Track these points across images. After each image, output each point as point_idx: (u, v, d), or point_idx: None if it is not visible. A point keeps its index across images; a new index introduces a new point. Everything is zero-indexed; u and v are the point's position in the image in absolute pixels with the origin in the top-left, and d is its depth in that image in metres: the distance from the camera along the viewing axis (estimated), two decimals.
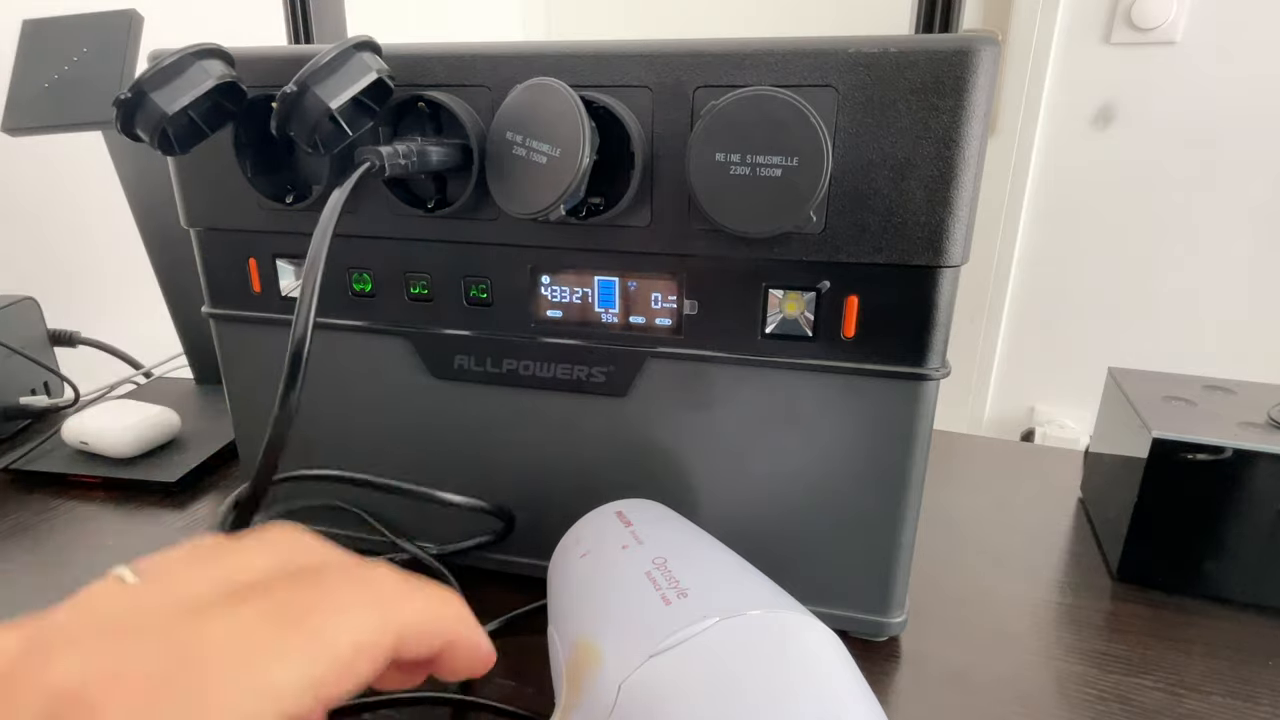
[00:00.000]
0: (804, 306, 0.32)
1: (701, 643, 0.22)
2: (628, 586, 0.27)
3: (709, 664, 0.22)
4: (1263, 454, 0.37)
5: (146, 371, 0.73)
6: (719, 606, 0.24)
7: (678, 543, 0.30)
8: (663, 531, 0.31)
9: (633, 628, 0.24)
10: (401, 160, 0.30)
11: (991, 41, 0.28)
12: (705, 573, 0.28)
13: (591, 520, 0.33)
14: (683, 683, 0.22)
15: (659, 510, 0.34)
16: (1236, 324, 1.38)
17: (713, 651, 0.22)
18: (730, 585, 0.27)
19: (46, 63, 0.56)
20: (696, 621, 0.23)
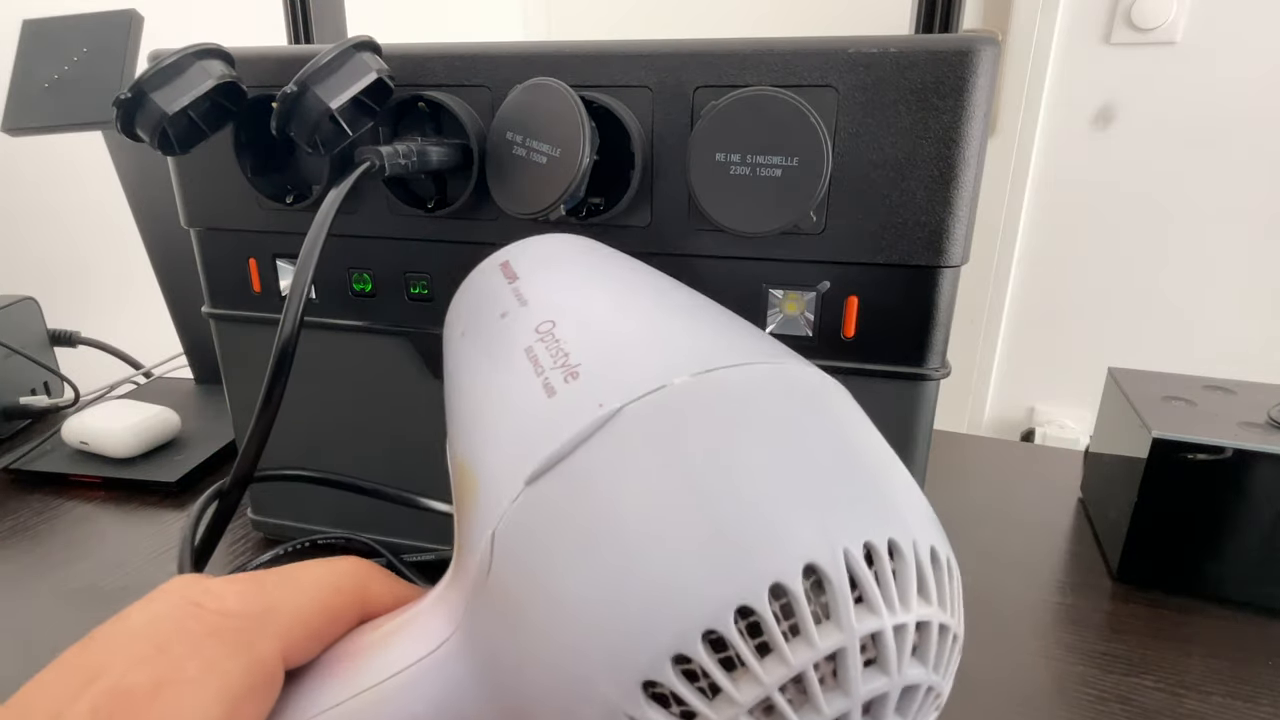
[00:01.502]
0: (804, 306, 0.32)
1: (597, 447, 0.15)
2: (502, 374, 0.19)
3: (611, 481, 0.14)
4: (1263, 454, 0.37)
5: (146, 371, 0.73)
6: (625, 382, 0.15)
7: (575, 292, 0.21)
8: (557, 279, 0.22)
9: (505, 440, 0.17)
10: (401, 160, 0.30)
11: (991, 41, 0.28)
12: (612, 332, 0.18)
13: (471, 281, 0.24)
14: (575, 518, 0.14)
15: (562, 246, 0.24)
16: (1236, 324, 1.38)
17: (615, 459, 0.15)
18: (650, 342, 0.17)
19: (46, 63, 0.56)
20: (589, 413, 0.15)
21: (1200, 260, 1.37)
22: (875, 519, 0.14)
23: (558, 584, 0.14)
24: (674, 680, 0.13)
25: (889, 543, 0.13)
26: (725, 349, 0.17)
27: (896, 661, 0.13)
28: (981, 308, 1.53)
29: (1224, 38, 1.27)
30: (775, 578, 0.13)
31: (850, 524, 0.13)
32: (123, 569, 0.42)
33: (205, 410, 0.61)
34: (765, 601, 0.13)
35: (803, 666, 0.12)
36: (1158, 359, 1.38)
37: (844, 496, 0.14)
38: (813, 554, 0.13)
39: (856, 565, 0.13)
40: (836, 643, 0.13)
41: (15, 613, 0.39)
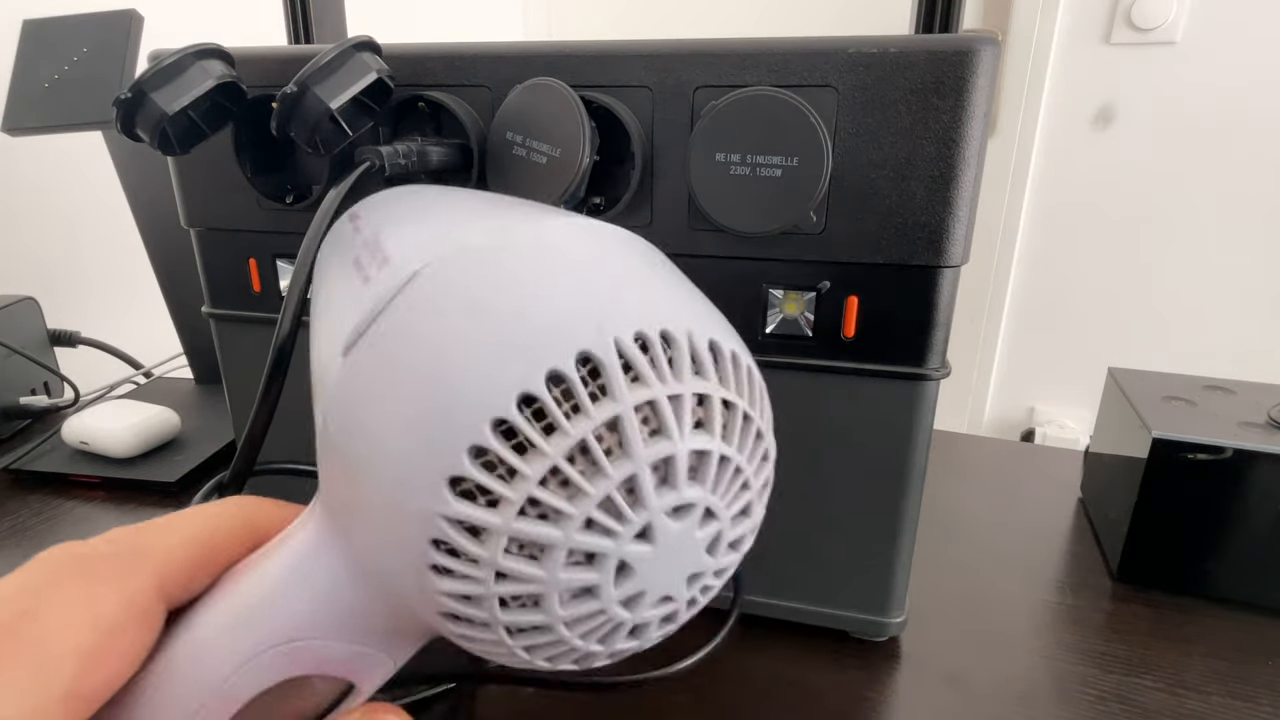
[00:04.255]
0: (804, 306, 0.32)
1: (396, 307, 0.16)
2: (334, 286, 0.20)
3: (410, 332, 0.15)
4: (1263, 454, 0.37)
5: (146, 371, 0.73)
6: (422, 254, 0.16)
7: (405, 211, 0.22)
8: (394, 207, 0.23)
9: (330, 331, 0.18)
10: (401, 160, 0.30)
11: (991, 41, 0.28)
12: (426, 228, 0.19)
13: (325, 241, 0.25)
14: (382, 367, 0.15)
15: (411, 190, 0.25)
16: (1236, 324, 1.38)
17: (412, 312, 0.16)
18: (455, 226, 0.19)
19: (46, 63, 0.56)
20: (391, 284, 0.16)
21: (1200, 260, 1.37)
22: (647, 314, 0.15)
23: (372, 425, 0.15)
24: (474, 471, 0.14)
25: (662, 332, 0.15)
26: (524, 218, 0.19)
27: (676, 426, 0.14)
28: (981, 308, 1.53)
29: (1224, 38, 1.27)
30: (551, 365, 0.14)
31: (622, 318, 0.15)
32: None
33: (205, 410, 0.61)
34: (544, 388, 0.14)
35: (583, 435, 0.14)
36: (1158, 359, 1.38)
37: (615, 300, 0.15)
38: (585, 343, 0.14)
39: (628, 349, 0.14)
40: (612, 411, 0.14)
41: None
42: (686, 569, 0.16)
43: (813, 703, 0.34)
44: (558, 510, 0.14)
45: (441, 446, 0.14)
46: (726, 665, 0.36)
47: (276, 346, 0.27)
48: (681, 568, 0.16)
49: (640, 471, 0.14)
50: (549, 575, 0.15)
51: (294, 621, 0.17)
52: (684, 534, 0.15)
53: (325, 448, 0.17)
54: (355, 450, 0.16)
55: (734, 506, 0.16)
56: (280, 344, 0.27)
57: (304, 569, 0.18)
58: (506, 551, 0.14)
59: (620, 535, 0.15)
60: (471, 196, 0.24)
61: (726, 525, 0.16)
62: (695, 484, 0.15)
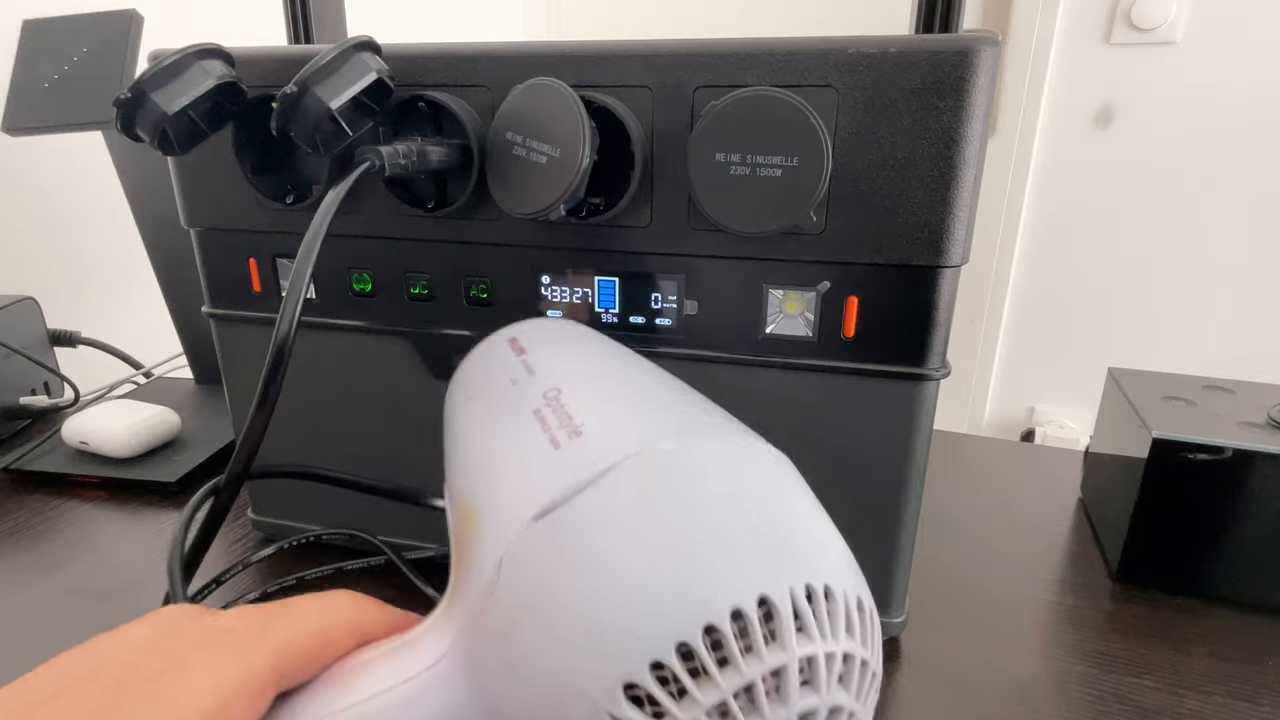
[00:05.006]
0: (804, 306, 0.32)
1: (596, 494, 0.17)
2: (510, 431, 0.21)
3: (606, 522, 0.17)
4: (1263, 454, 0.37)
5: (146, 371, 0.73)
6: (621, 443, 0.18)
7: (579, 367, 0.24)
8: (561, 355, 0.25)
9: (513, 484, 0.19)
10: (401, 160, 0.30)
11: (991, 41, 0.28)
12: (610, 401, 0.21)
13: (480, 353, 0.27)
14: (574, 550, 0.17)
15: (564, 329, 0.28)
16: (1236, 324, 1.38)
17: (611, 504, 0.17)
18: (642, 413, 0.21)
19: (46, 63, 0.56)
20: (590, 466, 0.18)
21: (1200, 260, 1.37)
22: (815, 567, 0.17)
23: (555, 603, 0.17)
24: (650, 682, 0.15)
25: (825, 587, 0.16)
26: (700, 421, 0.21)
27: (826, 683, 0.16)
28: (981, 308, 1.53)
29: (1224, 38, 1.27)
30: (735, 604, 0.15)
31: (796, 568, 0.16)
32: (123, 569, 0.42)
33: (205, 410, 0.61)
34: (727, 622, 0.15)
35: (753, 678, 0.15)
36: (1158, 359, 1.38)
37: (792, 546, 0.17)
38: (765, 588, 0.16)
39: (799, 600, 0.16)
40: (780, 660, 0.15)
41: (15, 613, 0.39)
42: None
43: None
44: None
45: (626, 651, 0.16)
46: None
47: (275, 347, 0.27)
48: None
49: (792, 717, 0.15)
50: None
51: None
52: None
53: (488, 595, 0.18)
54: (530, 618, 0.17)
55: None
56: (279, 345, 0.27)
57: (427, 690, 0.19)
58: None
59: None
60: (641, 369, 0.25)
61: None
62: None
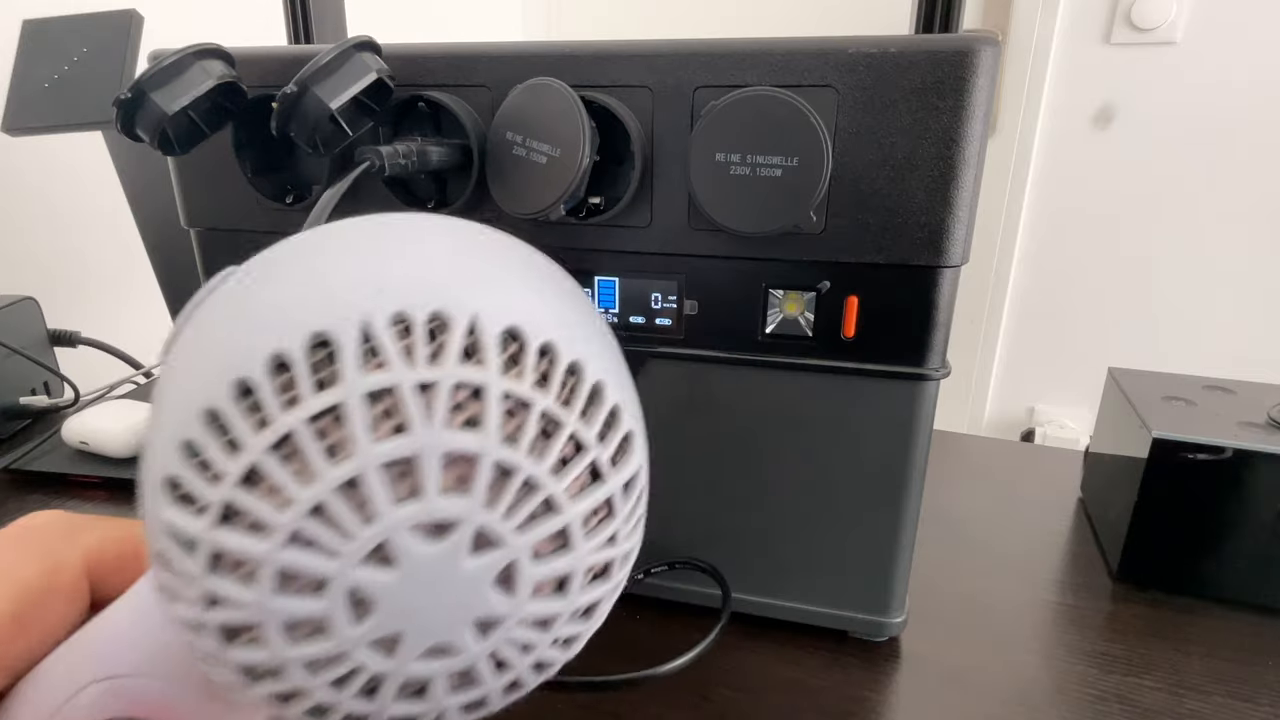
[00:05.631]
0: (804, 306, 0.32)
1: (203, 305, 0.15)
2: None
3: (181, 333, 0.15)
4: (1263, 454, 0.37)
5: (146, 371, 0.73)
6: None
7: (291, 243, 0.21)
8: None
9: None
10: (401, 160, 0.30)
11: (991, 41, 0.28)
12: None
13: None
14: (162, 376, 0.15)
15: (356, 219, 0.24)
16: (1236, 324, 1.38)
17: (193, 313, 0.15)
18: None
19: (46, 63, 0.56)
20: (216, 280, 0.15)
21: (1200, 260, 1.37)
22: (419, 293, 0.13)
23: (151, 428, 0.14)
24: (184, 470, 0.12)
25: (433, 313, 0.12)
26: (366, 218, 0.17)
27: (421, 419, 0.12)
28: (981, 308, 1.53)
29: (1224, 38, 1.26)
30: (274, 348, 0.12)
31: (379, 296, 0.12)
32: None
33: None
34: (264, 374, 0.12)
35: (291, 427, 0.12)
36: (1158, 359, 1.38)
37: (383, 275, 0.13)
38: (320, 323, 0.12)
39: (377, 331, 0.12)
40: (333, 399, 0.12)
41: None
42: (467, 611, 0.13)
43: (813, 703, 0.34)
44: (262, 519, 0.12)
45: (164, 443, 0.13)
46: (726, 665, 0.36)
47: None
48: (457, 608, 0.13)
49: (366, 472, 0.12)
50: (260, 600, 0.12)
51: (119, 656, 0.16)
52: (445, 560, 0.12)
53: None
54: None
55: (532, 532, 0.13)
56: None
57: (136, 599, 0.16)
58: (215, 568, 0.12)
59: (343, 554, 0.12)
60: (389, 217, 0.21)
61: (523, 556, 0.13)
62: (456, 495, 0.12)
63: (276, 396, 0.12)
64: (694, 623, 0.36)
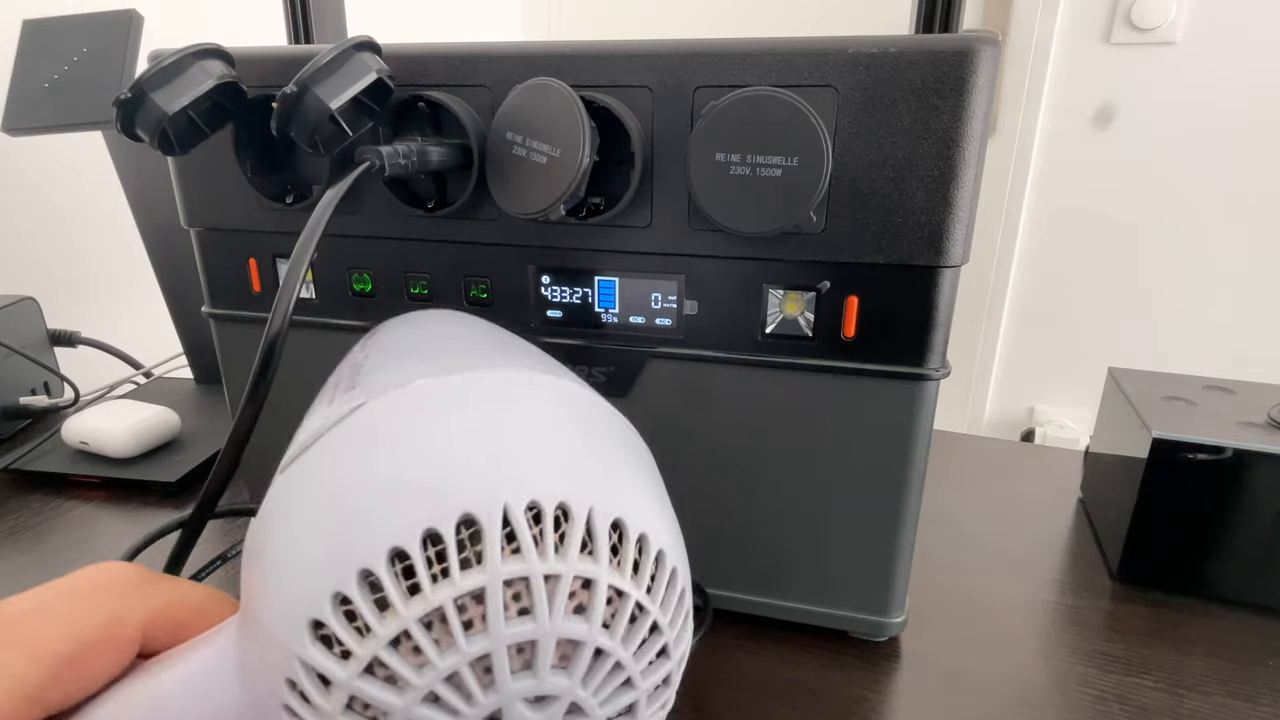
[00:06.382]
0: (804, 306, 0.32)
1: (330, 437, 0.16)
2: (312, 405, 0.20)
3: (322, 459, 0.16)
4: (1263, 454, 0.37)
5: (146, 371, 0.73)
6: (378, 388, 0.17)
7: (405, 339, 0.22)
8: (398, 333, 0.23)
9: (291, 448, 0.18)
10: (401, 160, 0.30)
11: (991, 41, 0.28)
12: (400, 356, 0.20)
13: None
14: (287, 497, 0.16)
15: (430, 315, 0.26)
16: (1236, 324, 1.38)
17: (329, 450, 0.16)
18: (421, 363, 0.19)
19: (46, 63, 0.56)
20: (340, 412, 0.17)
21: (1200, 260, 1.37)
22: (549, 483, 0.14)
23: (272, 549, 0.15)
24: (333, 619, 0.13)
25: (560, 504, 0.14)
26: (471, 360, 0.18)
27: (545, 607, 0.13)
28: (981, 308, 1.53)
29: (1224, 38, 1.26)
30: (429, 523, 0.13)
31: (519, 484, 0.14)
32: None
33: (205, 410, 0.61)
34: (416, 546, 0.13)
35: (440, 601, 0.13)
36: (1158, 359, 1.38)
37: (520, 461, 0.14)
38: (470, 504, 0.13)
39: (515, 518, 0.13)
40: (478, 581, 0.13)
41: None
42: None
43: (812, 703, 0.34)
44: (402, 677, 0.13)
45: (312, 587, 0.14)
46: (726, 665, 0.36)
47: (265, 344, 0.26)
48: None
49: (496, 650, 0.13)
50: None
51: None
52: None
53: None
54: (256, 568, 0.15)
55: (612, 704, 0.15)
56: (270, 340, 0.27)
57: (206, 675, 0.17)
58: (348, 709, 0.14)
59: (465, 715, 0.13)
60: (479, 334, 0.23)
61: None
62: (561, 673, 0.14)
63: (428, 569, 0.13)
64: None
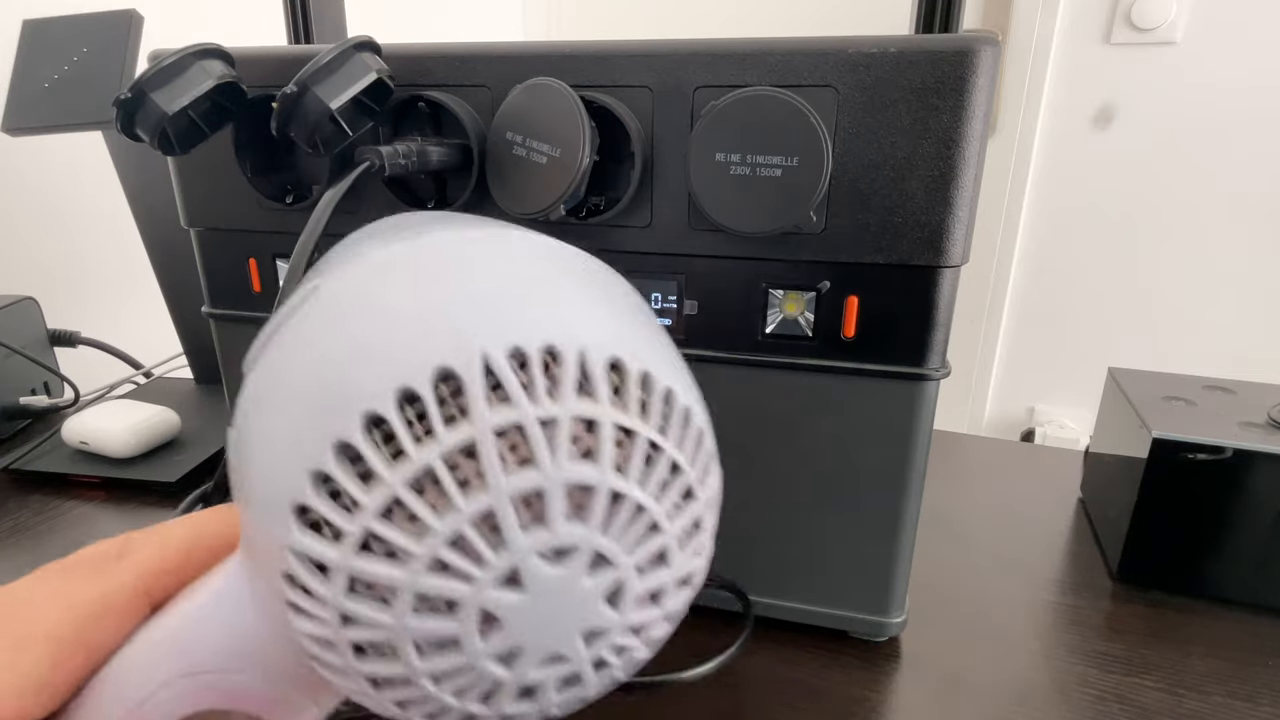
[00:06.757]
0: (804, 306, 0.32)
1: (292, 318, 0.15)
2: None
3: (283, 350, 0.15)
4: (1263, 454, 0.37)
5: (146, 371, 0.73)
6: (334, 274, 0.16)
7: (364, 236, 0.21)
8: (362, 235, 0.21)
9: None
10: (401, 160, 0.30)
11: (991, 41, 0.28)
12: (355, 244, 0.19)
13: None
14: (258, 390, 0.15)
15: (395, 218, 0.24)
16: (1236, 324, 1.38)
17: (291, 332, 0.15)
18: (383, 243, 0.17)
19: (46, 63, 0.56)
20: (293, 304, 0.15)
21: (1200, 260, 1.37)
22: (532, 327, 0.13)
23: (249, 446, 0.14)
24: (316, 500, 0.13)
25: (546, 347, 0.13)
26: (447, 230, 0.17)
27: (546, 453, 0.12)
28: (981, 308, 1.53)
29: (1224, 38, 1.27)
30: (403, 382, 0.12)
31: (498, 331, 0.13)
32: None
33: (205, 410, 0.61)
34: (392, 408, 0.12)
35: (428, 461, 0.12)
36: (1158, 359, 1.38)
37: (497, 309, 0.13)
38: (447, 357, 0.13)
39: (499, 366, 0.13)
40: (466, 435, 0.12)
41: None
42: (579, 624, 0.14)
43: (813, 703, 0.34)
44: (401, 548, 0.12)
45: (290, 471, 0.13)
46: (726, 665, 0.35)
47: None
48: (571, 622, 0.14)
49: (499, 505, 0.12)
50: (397, 622, 0.13)
51: (204, 653, 0.16)
52: (566, 581, 0.13)
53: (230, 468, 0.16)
54: (238, 471, 0.15)
55: (639, 552, 0.14)
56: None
57: (219, 599, 0.17)
58: (351, 591, 0.13)
59: (478, 579, 0.13)
60: (440, 219, 0.21)
61: (630, 574, 0.14)
62: (577, 523, 0.13)
63: (408, 430, 0.12)
64: (707, 625, 0.36)
